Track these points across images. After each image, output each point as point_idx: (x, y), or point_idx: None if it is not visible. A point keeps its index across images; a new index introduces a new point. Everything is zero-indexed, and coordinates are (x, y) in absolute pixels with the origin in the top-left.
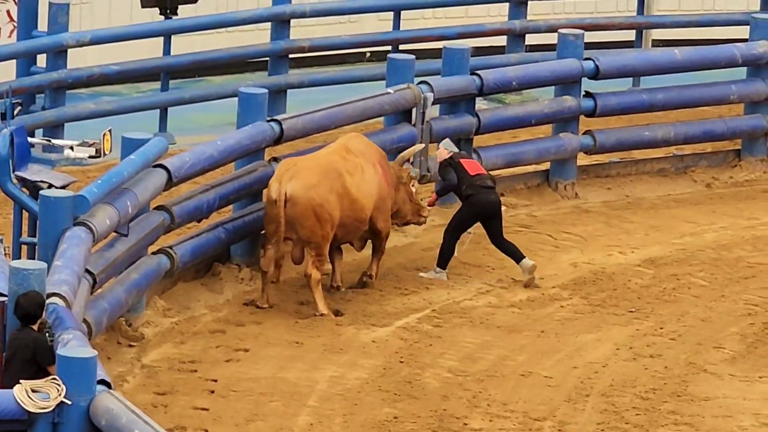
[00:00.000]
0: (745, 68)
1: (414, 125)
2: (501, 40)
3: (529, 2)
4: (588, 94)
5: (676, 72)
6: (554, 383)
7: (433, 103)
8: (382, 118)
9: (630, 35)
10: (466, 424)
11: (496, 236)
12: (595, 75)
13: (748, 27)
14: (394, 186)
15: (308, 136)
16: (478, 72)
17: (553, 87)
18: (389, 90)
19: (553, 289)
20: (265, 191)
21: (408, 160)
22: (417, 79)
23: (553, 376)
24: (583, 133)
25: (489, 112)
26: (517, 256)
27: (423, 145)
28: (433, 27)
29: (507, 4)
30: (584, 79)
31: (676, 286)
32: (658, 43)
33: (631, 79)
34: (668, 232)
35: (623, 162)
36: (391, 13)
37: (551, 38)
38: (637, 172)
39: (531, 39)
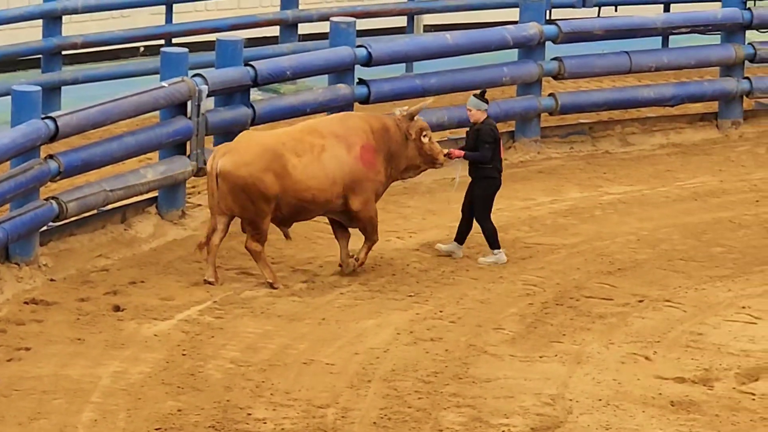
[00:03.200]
0: (516, 50)
1: (190, 118)
2: (274, 31)
3: None
4: (362, 81)
5: (448, 56)
6: (336, 370)
7: (208, 96)
8: (157, 112)
9: (402, 21)
10: (249, 414)
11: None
12: (368, 62)
13: (518, 9)
14: (394, 152)
15: (84, 132)
16: (251, 63)
17: (327, 75)
18: (163, 84)
19: (333, 276)
20: None
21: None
22: (191, 72)
23: (335, 363)
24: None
25: (264, 102)
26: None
27: (431, 99)
28: (205, 20)
29: None
30: (357, 67)
31: (455, 269)
32: (429, 29)
33: (404, 64)
34: (445, 215)
35: None
36: (164, 6)
37: (324, 27)
38: None
39: (304, 28)
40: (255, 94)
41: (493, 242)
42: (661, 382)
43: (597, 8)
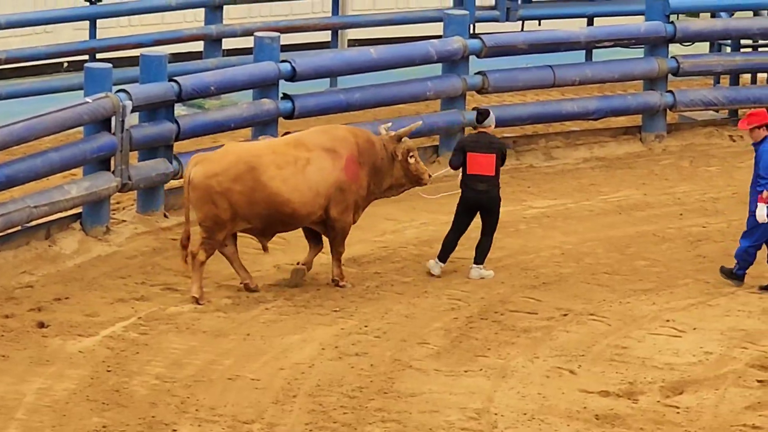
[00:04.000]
0: (440, 64)
1: (114, 134)
2: (198, 46)
3: (224, 6)
4: (286, 96)
5: (372, 71)
6: (261, 386)
7: (132, 111)
8: (81, 128)
9: (326, 36)
10: (175, 430)
11: (483, 229)
12: (293, 77)
13: (442, 23)
14: (378, 168)
15: (8, 148)
16: (176, 78)
17: (251, 90)
18: (88, 99)
19: (258, 291)
20: None
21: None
22: (115, 88)
23: (261, 378)
24: (283, 135)
25: (189, 118)
26: (477, 258)
27: (420, 123)
28: (129, 35)
29: (203, 10)
30: (282, 81)
31: (379, 283)
32: (354, 43)
33: (328, 79)
34: (369, 230)
35: None
36: (87, 22)
37: (248, 42)
38: None
39: (228, 43)
40: (179, 110)
41: (441, 253)
42: (585, 396)
43: (521, 22)
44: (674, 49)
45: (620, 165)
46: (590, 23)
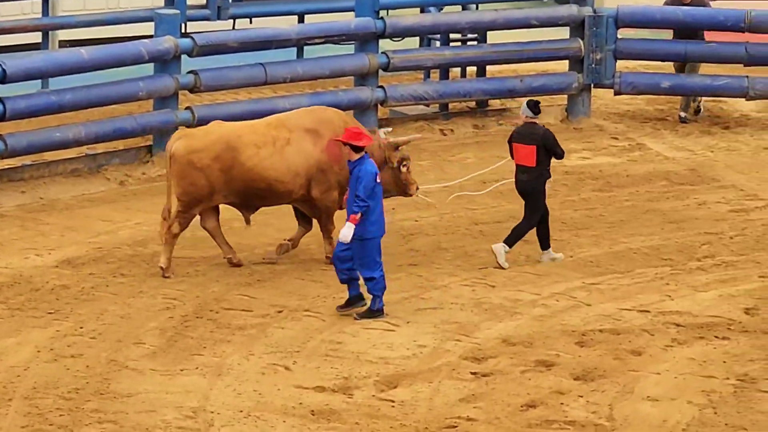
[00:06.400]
0: (152, 64)
1: None
2: None
3: None
4: None
5: (84, 72)
6: None
7: None
8: None
9: (37, 37)
10: None
11: (524, 212)
12: (3, 79)
13: (153, 23)
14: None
15: None
16: None
17: None
18: None
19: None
20: None
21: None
22: None
23: None
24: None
25: None
26: (508, 238)
27: (420, 135)
28: None
29: None
30: None
31: (95, 285)
32: (65, 44)
33: (39, 81)
34: (84, 231)
35: (36, 164)
36: None
37: None
38: (50, 173)
39: None
40: None
41: (541, 244)
42: (301, 392)
43: (232, 21)
44: (384, 44)
45: None
46: (301, 20)
